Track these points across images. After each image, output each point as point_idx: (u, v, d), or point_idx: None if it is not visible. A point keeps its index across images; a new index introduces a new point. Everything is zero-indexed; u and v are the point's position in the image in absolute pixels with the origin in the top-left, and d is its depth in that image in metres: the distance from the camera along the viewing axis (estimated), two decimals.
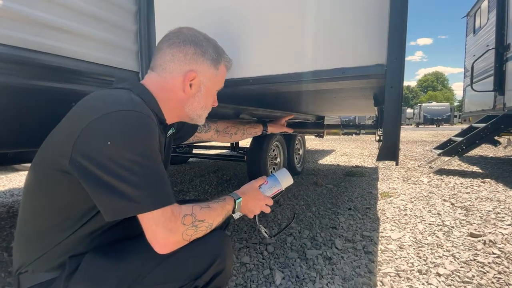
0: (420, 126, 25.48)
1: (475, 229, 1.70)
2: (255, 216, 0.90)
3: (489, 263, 1.33)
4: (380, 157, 0.80)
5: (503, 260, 1.35)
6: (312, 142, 7.98)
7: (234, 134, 1.21)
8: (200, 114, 0.84)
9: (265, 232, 0.97)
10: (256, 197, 0.88)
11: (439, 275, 1.24)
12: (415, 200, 2.33)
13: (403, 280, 1.21)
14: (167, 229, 0.59)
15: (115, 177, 0.55)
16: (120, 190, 0.55)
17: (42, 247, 0.64)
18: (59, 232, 0.63)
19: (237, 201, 0.81)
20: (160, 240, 0.59)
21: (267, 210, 0.90)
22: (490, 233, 1.65)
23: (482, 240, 1.57)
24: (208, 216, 0.69)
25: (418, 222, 1.85)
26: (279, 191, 0.96)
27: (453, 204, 2.21)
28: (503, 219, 1.86)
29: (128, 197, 0.56)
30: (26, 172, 0.67)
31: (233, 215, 0.85)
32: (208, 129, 1.23)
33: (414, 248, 1.49)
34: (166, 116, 0.78)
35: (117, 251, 0.66)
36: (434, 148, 4.14)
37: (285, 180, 0.96)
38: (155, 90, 0.74)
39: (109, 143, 0.55)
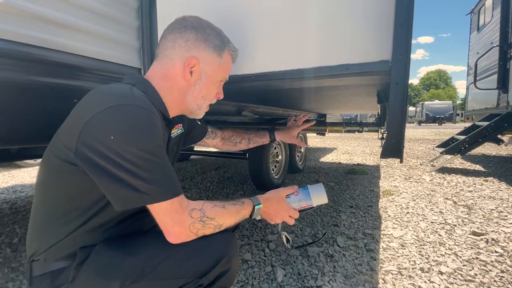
0: (422, 124, 25.37)
1: (478, 228, 1.70)
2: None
3: (491, 261, 1.33)
4: (384, 154, 0.79)
5: (505, 259, 1.35)
6: (313, 140, 7.97)
7: (239, 143, 1.14)
8: (200, 105, 0.80)
9: (287, 239, 0.89)
10: (281, 208, 0.82)
11: (441, 273, 1.24)
12: (417, 198, 2.32)
13: (405, 278, 1.20)
14: (174, 220, 0.62)
15: (120, 170, 0.57)
16: (126, 182, 0.57)
17: (54, 236, 0.65)
18: (70, 222, 0.65)
19: (256, 208, 0.77)
20: (168, 229, 0.62)
21: (291, 222, 0.84)
22: (492, 231, 1.64)
23: (485, 238, 1.56)
24: (219, 216, 0.68)
25: (420, 220, 1.84)
26: (308, 207, 0.86)
27: (455, 203, 2.20)
28: (505, 217, 1.86)
29: (135, 189, 0.57)
30: (29, 169, 0.68)
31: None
32: (215, 136, 1.18)
33: (416, 246, 1.48)
34: (168, 108, 0.76)
35: (125, 244, 0.67)
36: (437, 147, 4.12)
37: (318, 197, 0.85)
38: (157, 81, 0.73)
39: (112, 137, 0.56)
